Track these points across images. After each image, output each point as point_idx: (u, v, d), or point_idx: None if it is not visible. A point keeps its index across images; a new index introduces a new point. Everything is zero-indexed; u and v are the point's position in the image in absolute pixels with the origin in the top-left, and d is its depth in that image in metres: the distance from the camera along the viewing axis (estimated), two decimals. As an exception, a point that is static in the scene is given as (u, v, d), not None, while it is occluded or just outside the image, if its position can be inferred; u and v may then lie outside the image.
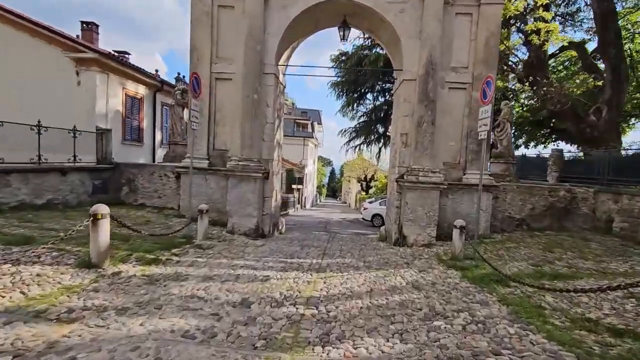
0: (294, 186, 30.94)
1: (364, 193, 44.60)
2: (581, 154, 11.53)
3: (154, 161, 13.34)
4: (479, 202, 7.94)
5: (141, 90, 12.85)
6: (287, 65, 10.33)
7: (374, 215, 15.75)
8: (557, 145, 24.60)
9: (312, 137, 43.44)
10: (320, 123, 53.96)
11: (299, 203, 33.94)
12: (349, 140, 24.29)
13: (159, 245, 5.96)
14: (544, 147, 24.54)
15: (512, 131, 13.94)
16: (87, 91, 10.26)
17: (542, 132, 23.49)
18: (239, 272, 5.06)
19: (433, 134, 8.19)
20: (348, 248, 8.19)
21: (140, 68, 12.61)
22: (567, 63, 14.94)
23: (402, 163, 8.73)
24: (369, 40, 19.13)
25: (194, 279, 4.58)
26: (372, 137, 24.02)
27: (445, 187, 8.16)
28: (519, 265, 5.88)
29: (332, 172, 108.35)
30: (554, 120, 21.88)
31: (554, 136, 17.53)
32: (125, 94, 11.94)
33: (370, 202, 21.44)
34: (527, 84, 10.13)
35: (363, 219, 16.55)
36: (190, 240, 6.79)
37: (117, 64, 11.23)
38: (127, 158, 11.35)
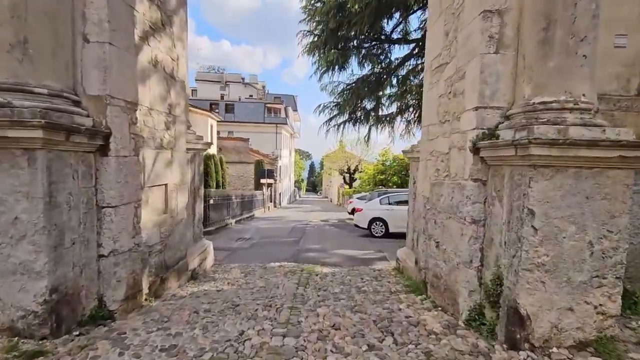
0: (263, 181, 25.07)
1: (347, 187, 39.23)
2: None
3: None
4: None
5: None
6: None
7: (373, 221, 10.25)
8: None
9: (286, 124, 37.51)
10: (295, 110, 47.99)
11: (271, 201, 28.09)
12: (330, 119, 18.57)
13: None
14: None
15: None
16: None
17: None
18: None
19: (601, -5, 2.60)
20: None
21: None
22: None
23: (484, 96, 3.10)
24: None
25: None
26: (359, 114, 18.47)
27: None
28: None
29: (312, 166, 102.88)
30: None
31: None
32: None
33: (363, 200, 15.89)
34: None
35: (356, 225, 11.00)
36: None
37: None
38: None
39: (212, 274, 5.54)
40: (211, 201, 11.77)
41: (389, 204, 10.32)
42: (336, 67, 16.94)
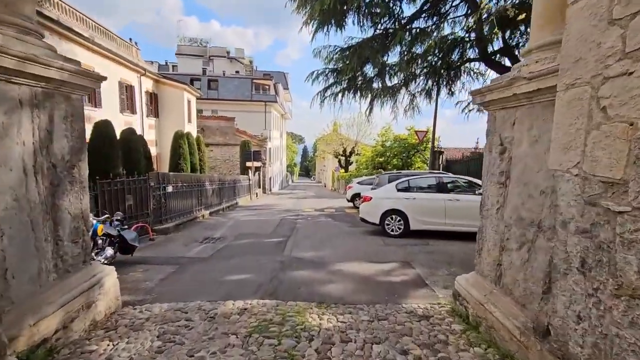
0: (249, 164, 22.06)
1: (342, 170, 36.48)
2: None
3: None
4: None
5: None
6: None
7: (388, 214, 7.39)
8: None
9: (276, 102, 34.18)
10: (286, 87, 44.44)
11: (259, 187, 25.20)
12: (326, 88, 15.51)
13: None
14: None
15: None
16: None
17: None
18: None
19: None
20: None
21: None
22: None
23: None
24: None
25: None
26: (359, 81, 15.42)
27: None
28: None
29: (305, 150, 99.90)
30: None
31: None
32: None
33: (366, 184, 13.17)
34: None
35: (363, 219, 8.18)
36: None
37: None
38: None
39: (92, 342, 2.69)
40: (169, 188, 8.82)
41: (408, 190, 7.51)
42: (332, 21, 13.68)
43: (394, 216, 7.41)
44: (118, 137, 10.91)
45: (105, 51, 13.94)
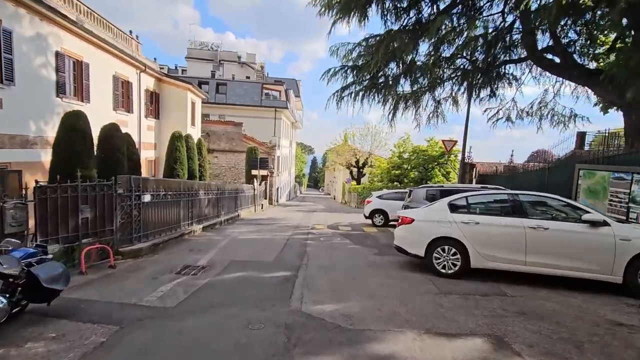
0: (254, 172, 20.15)
1: (354, 182, 34.32)
2: None
3: None
4: None
5: None
6: None
7: (438, 243, 5.23)
8: None
9: (287, 108, 32.47)
10: (298, 95, 42.86)
11: (265, 197, 23.20)
12: (344, 87, 13.53)
13: None
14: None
15: None
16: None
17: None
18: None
19: None
20: None
21: None
22: None
23: None
24: None
25: None
26: (381, 82, 13.42)
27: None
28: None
29: (314, 161, 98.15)
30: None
31: None
32: None
33: (392, 200, 11.09)
34: None
35: (399, 248, 6.01)
36: None
37: None
38: None
39: None
40: (146, 197, 6.84)
41: (467, 210, 5.38)
42: (354, 10, 11.85)
43: (446, 247, 5.25)
44: (99, 134, 9.14)
45: (97, 39, 12.27)
